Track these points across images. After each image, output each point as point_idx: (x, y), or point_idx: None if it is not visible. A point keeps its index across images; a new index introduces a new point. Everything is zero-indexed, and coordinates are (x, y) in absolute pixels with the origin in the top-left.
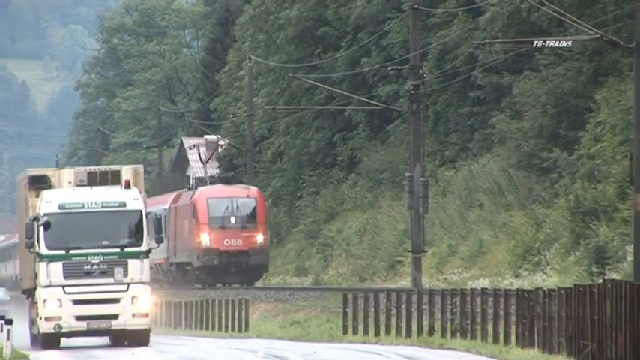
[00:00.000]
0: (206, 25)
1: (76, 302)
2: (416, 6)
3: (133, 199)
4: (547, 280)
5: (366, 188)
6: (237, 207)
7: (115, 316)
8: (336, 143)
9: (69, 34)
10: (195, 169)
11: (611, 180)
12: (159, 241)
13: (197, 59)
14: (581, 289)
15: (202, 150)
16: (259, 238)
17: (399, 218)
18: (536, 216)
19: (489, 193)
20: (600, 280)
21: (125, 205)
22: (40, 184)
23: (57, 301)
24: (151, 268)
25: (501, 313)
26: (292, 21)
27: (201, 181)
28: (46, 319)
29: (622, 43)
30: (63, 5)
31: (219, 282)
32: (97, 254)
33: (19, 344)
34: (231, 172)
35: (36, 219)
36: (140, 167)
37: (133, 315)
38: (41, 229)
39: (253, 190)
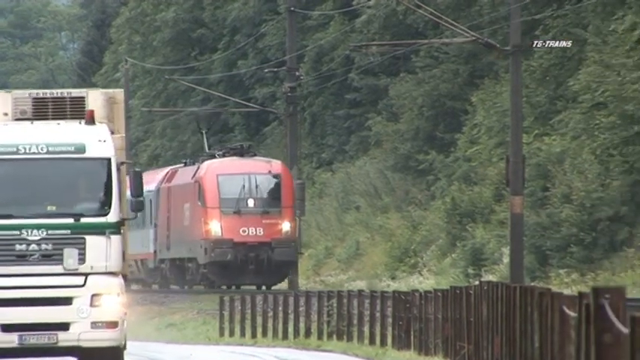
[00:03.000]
0: (82, 27)
1: (2, 303)
2: (292, 8)
3: (97, 140)
4: (423, 282)
5: None
6: (257, 186)
7: (64, 327)
8: (212, 146)
9: None
10: None
11: (487, 182)
12: (138, 207)
13: (73, 61)
14: (458, 291)
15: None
16: (285, 226)
17: None
18: (413, 218)
19: (366, 195)
20: (477, 282)
21: (84, 150)
22: None
23: None
24: (129, 266)
25: (378, 315)
26: (168, 23)
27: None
28: None
29: (498, 45)
30: None
31: (232, 283)
32: (37, 227)
33: None
34: (247, 142)
35: None
36: (118, 92)
37: (94, 324)
38: None
39: (276, 164)
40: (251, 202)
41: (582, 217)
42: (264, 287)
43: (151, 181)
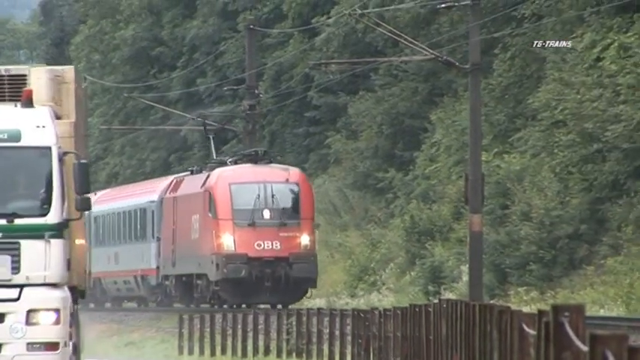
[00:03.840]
0: (41, 45)
1: None
2: (251, 26)
3: (35, 126)
4: (383, 299)
5: None
6: (273, 195)
7: None
8: (171, 164)
9: None
10: None
11: (446, 200)
12: (84, 206)
13: None
14: (417, 309)
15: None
16: (304, 239)
17: None
18: (372, 236)
19: (325, 213)
20: (436, 300)
21: (19, 138)
22: None
23: None
24: (127, 282)
25: (337, 333)
26: (128, 41)
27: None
28: None
29: (457, 63)
30: None
31: (246, 301)
32: None
33: None
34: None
35: None
36: (68, 70)
37: (30, 346)
38: None
39: (294, 172)
40: (267, 214)
41: (542, 234)
42: (279, 306)
43: (153, 191)
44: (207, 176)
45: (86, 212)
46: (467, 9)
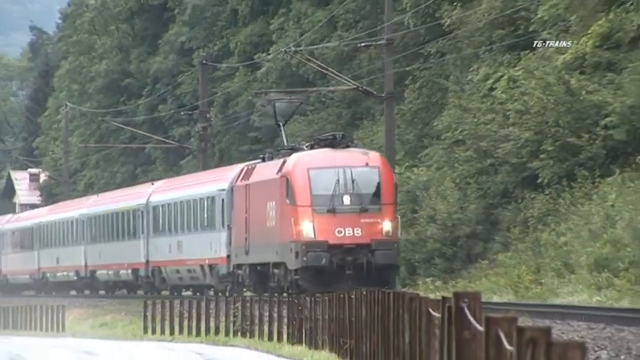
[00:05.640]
0: (29, 76)
1: None
2: (204, 61)
3: None
4: None
5: None
6: (353, 181)
7: None
8: (138, 175)
9: None
10: (22, 197)
11: None
12: None
13: (22, 106)
14: (342, 296)
15: None
16: (386, 225)
17: None
18: None
19: None
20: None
21: None
22: None
23: None
24: (191, 271)
25: (275, 316)
26: (101, 74)
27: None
28: None
29: (374, 92)
30: None
31: (326, 290)
32: None
33: None
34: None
35: None
36: None
37: None
38: None
39: (374, 155)
40: (347, 199)
41: (445, 234)
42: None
43: (222, 179)
44: (284, 162)
45: (143, 203)
46: (382, 47)
